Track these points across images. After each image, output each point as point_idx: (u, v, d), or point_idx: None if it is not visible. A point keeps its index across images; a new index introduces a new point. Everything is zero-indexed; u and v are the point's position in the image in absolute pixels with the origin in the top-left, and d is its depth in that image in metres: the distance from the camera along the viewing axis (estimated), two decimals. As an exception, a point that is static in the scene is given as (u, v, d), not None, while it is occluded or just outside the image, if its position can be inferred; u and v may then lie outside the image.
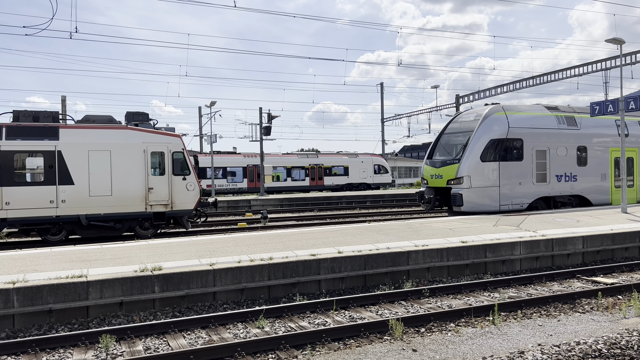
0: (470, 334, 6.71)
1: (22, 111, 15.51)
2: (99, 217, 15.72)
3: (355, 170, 44.59)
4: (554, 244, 12.29)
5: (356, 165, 44.58)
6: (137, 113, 17.12)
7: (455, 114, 21.86)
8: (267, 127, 36.76)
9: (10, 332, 7.72)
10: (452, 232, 13.27)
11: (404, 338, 6.69)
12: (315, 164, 43.47)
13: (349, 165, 44.79)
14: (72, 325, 8.05)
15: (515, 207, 18.60)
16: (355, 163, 44.87)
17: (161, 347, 6.89)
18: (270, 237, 12.79)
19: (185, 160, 16.82)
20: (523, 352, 5.98)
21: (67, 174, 15.32)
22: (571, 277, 10.80)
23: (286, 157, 43.46)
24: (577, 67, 30.67)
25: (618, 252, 13.18)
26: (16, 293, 7.90)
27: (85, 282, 8.31)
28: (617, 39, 17.57)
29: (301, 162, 43.14)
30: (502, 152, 18.27)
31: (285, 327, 7.61)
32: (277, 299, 9.49)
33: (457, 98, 41.91)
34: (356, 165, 44.65)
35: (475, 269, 11.42)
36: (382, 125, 54.85)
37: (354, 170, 44.64)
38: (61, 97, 28.27)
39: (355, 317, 8.08)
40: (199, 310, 8.79)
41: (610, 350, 6.09)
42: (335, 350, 6.55)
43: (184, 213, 16.82)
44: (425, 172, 19.77)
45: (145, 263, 9.58)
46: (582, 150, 20.02)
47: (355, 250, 10.67)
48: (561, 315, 7.76)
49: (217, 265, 9.38)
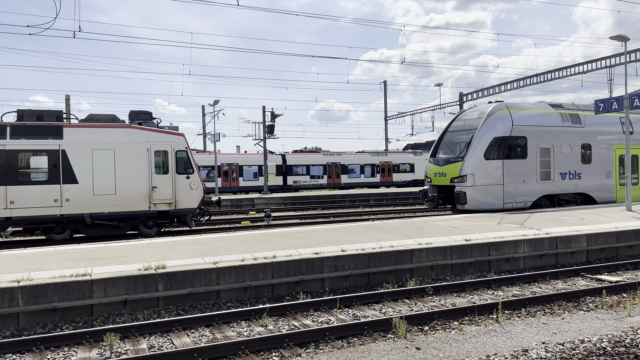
0: (474, 332, 6.70)
1: (26, 110, 15.56)
2: (103, 216, 15.77)
3: (420, 167, 47.24)
4: (558, 242, 12.25)
5: (421, 162, 46.92)
6: (141, 112, 17.15)
7: (459, 111, 21.81)
8: (271, 125, 36.79)
9: (15, 331, 7.76)
10: (455, 230, 13.25)
11: (408, 336, 6.69)
12: (384, 162, 47.11)
13: (415, 162, 48.32)
14: (76, 323, 8.08)
15: (519, 205, 18.55)
16: (420, 160, 47.56)
17: (165, 345, 6.91)
18: (274, 236, 12.79)
19: (189, 159, 16.84)
20: (527, 350, 5.97)
21: (71, 173, 15.36)
22: (575, 275, 10.77)
23: (359, 155, 47.05)
24: (582, 65, 30.53)
25: (623, 250, 13.14)
26: (21, 291, 7.93)
27: (90, 280, 8.33)
28: (622, 36, 17.48)
29: (372, 160, 46.76)
30: (505, 150, 18.22)
31: (288, 326, 7.61)
32: (280, 297, 9.50)
33: (460, 96, 41.80)
34: (421, 162, 47.02)
35: (479, 267, 11.40)
36: (385, 123, 54.79)
37: (419, 167, 47.54)
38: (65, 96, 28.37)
39: (359, 316, 8.08)
40: (202, 308, 8.81)
41: (614, 349, 6.07)
42: (338, 348, 6.55)
43: (187, 212, 16.85)
44: (428, 171, 19.74)
45: (149, 262, 9.60)
46: (587, 148, 19.95)
47: (359, 249, 10.67)
48: (565, 314, 7.74)
49: (220, 263, 9.39)
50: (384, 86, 55.33)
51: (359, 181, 45.74)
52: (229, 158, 41.24)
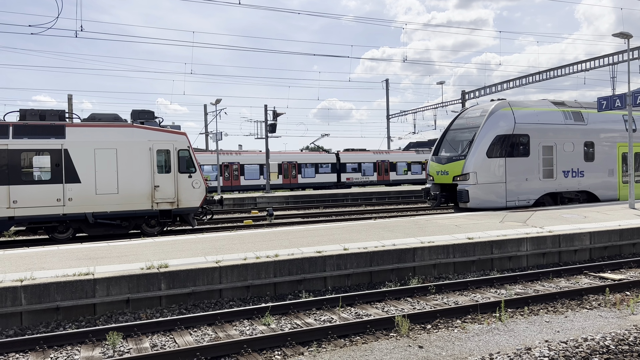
0: (477, 331, 6.69)
1: (28, 110, 15.59)
2: (106, 215, 15.80)
3: None
4: (560, 240, 12.23)
5: None
6: (143, 111, 17.16)
7: (461, 110, 21.76)
8: (273, 124, 36.80)
9: (18, 330, 7.77)
10: (458, 228, 13.23)
11: (410, 334, 6.68)
12: None
13: None
14: (79, 322, 8.09)
15: (522, 204, 18.51)
16: None
17: (168, 344, 6.91)
18: (276, 234, 12.80)
19: (191, 158, 16.85)
20: (530, 348, 5.96)
21: (73, 172, 15.39)
22: (578, 273, 10.74)
23: (405, 153, 49.13)
24: (584, 62, 30.44)
25: (626, 248, 13.10)
26: (24, 291, 7.95)
27: (92, 279, 8.35)
28: (625, 33, 17.41)
29: (418, 157, 48.60)
30: (508, 148, 18.18)
31: (291, 324, 7.61)
32: (283, 295, 9.50)
33: (462, 94, 41.73)
34: None
35: (481, 265, 11.38)
36: (387, 121, 54.79)
37: None
38: (67, 96, 28.41)
39: (361, 314, 8.07)
40: (205, 307, 8.82)
41: (617, 347, 6.05)
42: (341, 347, 6.55)
43: (190, 211, 16.87)
44: (431, 169, 19.71)
45: (152, 260, 9.61)
46: (590, 145, 19.89)
47: (361, 247, 10.66)
48: (568, 312, 7.72)
49: (223, 262, 9.39)
50: (386, 84, 55.32)
51: (406, 178, 47.65)
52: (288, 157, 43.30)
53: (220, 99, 35.15)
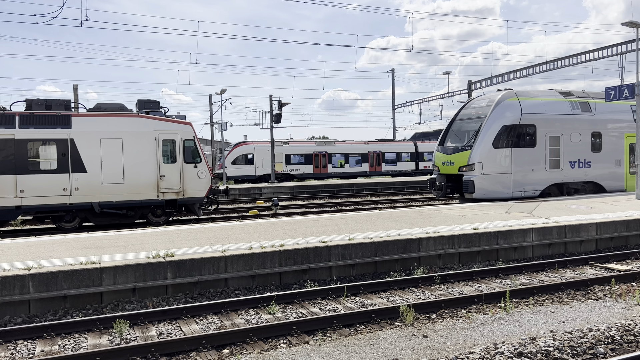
0: (482, 321, 6.69)
1: (34, 100, 15.62)
2: (112, 205, 15.87)
3: None
4: (566, 230, 12.19)
5: None
6: (148, 101, 17.17)
7: (467, 100, 21.63)
8: (278, 114, 36.75)
9: (26, 317, 7.86)
10: (463, 219, 13.21)
11: (415, 324, 6.70)
12: None
13: None
14: (86, 310, 8.16)
15: (528, 194, 18.44)
16: None
17: (174, 332, 6.97)
18: (281, 224, 12.82)
19: (196, 148, 16.87)
20: (535, 338, 5.96)
21: (79, 162, 15.46)
22: (584, 263, 10.72)
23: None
24: (592, 52, 30.11)
25: (632, 239, 13.04)
26: (31, 279, 8.02)
27: (99, 268, 8.41)
28: (634, 22, 17.21)
29: None
30: (514, 138, 18.08)
31: (296, 313, 7.65)
32: (288, 285, 9.54)
33: (469, 84, 41.45)
34: None
35: (486, 256, 11.37)
36: (393, 112, 54.56)
37: None
38: (73, 86, 28.44)
39: (366, 304, 8.10)
40: (210, 296, 8.87)
41: (623, 337, 6.05)
42: (346, 336, 6.58)
43: (195, 200, 16.92)
44: (436, 159, 19.65)
45: (158, 250, 9.66)
46: (597, 136, 19.75)
47: (366, 237, 10.67)
48: (574, 302, 7.72)
49: (228, 252, 9.43)
50: (392, 74, 55.03)
51: None
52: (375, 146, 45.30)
53: (226, 89, 35.14)
